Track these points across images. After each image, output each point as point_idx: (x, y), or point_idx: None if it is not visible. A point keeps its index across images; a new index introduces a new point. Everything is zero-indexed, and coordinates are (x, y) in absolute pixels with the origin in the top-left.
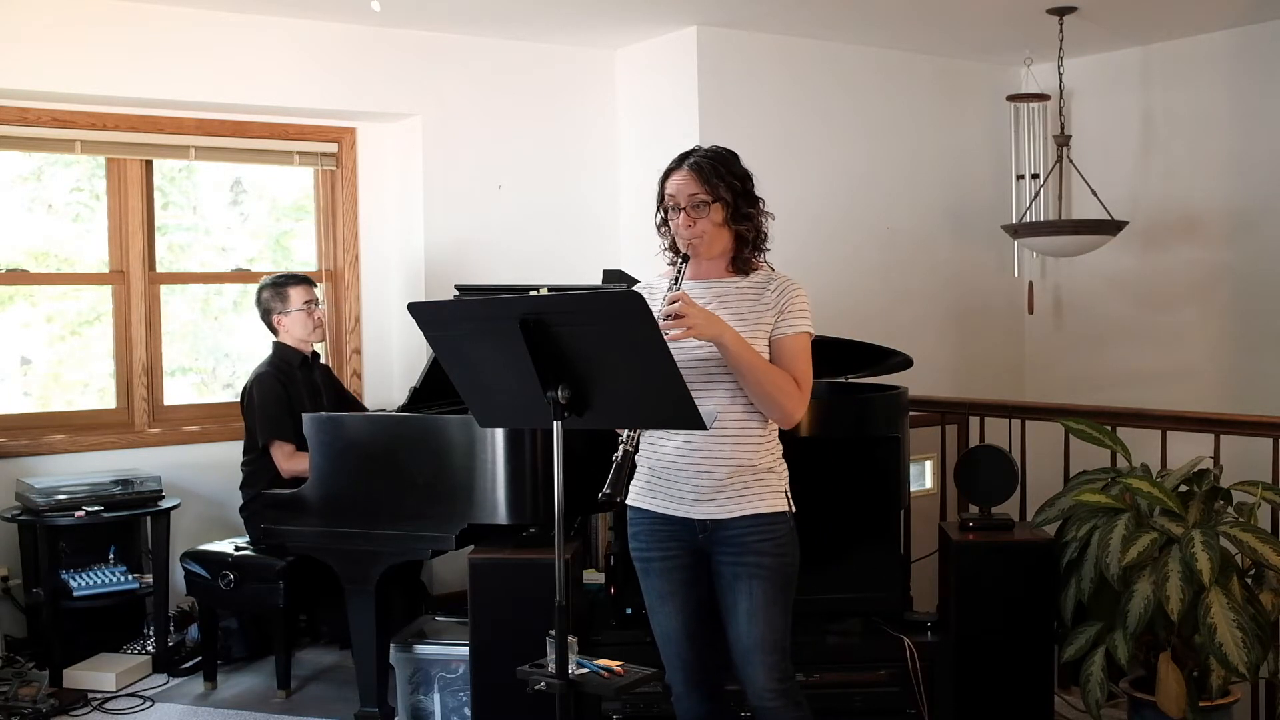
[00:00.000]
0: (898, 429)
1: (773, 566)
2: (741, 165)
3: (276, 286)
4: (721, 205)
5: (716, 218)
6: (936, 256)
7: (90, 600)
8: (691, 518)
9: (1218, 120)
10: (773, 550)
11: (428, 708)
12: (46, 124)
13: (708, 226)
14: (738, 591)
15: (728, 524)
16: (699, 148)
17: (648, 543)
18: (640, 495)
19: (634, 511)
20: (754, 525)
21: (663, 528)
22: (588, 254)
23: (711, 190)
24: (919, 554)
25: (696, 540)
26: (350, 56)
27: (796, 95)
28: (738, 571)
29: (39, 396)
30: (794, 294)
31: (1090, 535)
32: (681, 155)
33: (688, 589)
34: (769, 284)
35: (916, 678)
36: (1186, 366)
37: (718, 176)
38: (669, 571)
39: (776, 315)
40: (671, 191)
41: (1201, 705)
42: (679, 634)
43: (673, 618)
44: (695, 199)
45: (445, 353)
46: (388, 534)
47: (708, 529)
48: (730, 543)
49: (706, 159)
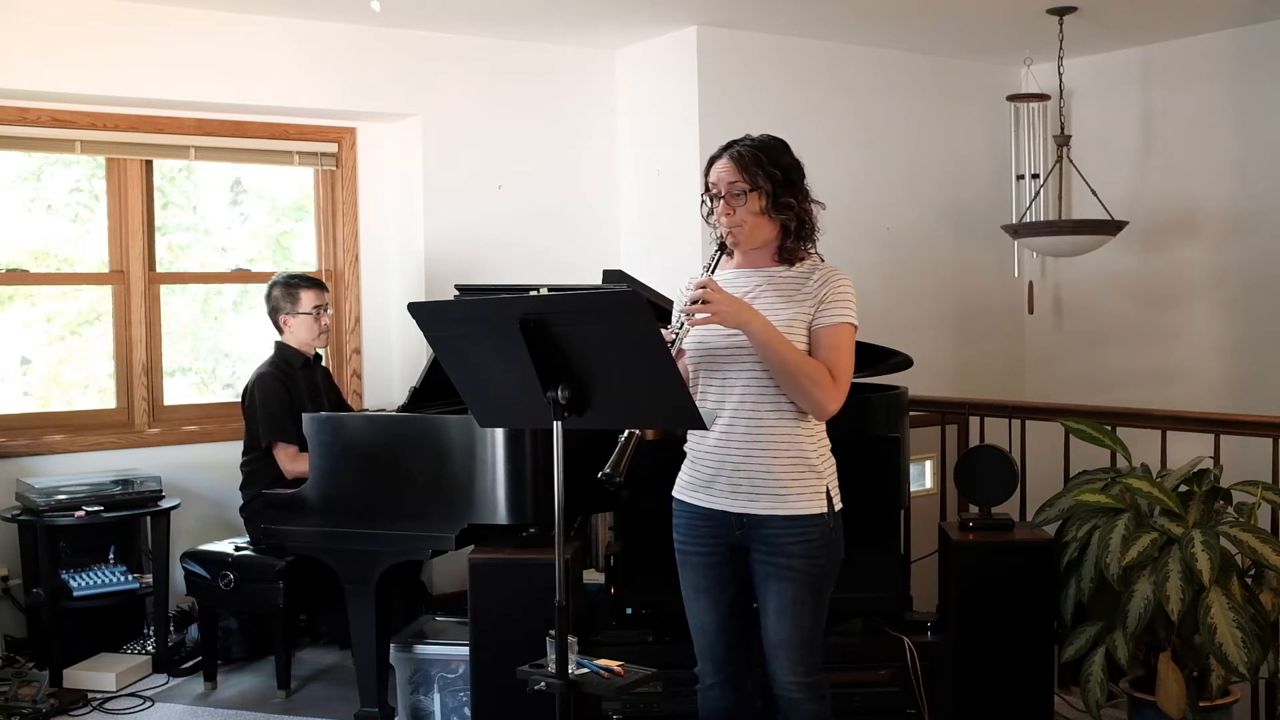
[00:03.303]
0: (898, 429)
1: (803, 569)
2: (787, 155)
3: (289, 286)
4: (759, 194)
5: (754, 207)
6: (936, 257)
7: (90, 600)
8: (729, 511)
9: (1218, 120)
10: (804, 553)
11: (428, 708)
12: (46, 124)
13: (746, 215)
14: (768, 590)
15: (763, 522)
16: (746, 136)
17: (687, 536)
18: (682, 488)
19: (677, 504)
20: (788, 527)
21: (702, 524)
22: (588, 254)
23: (750, 179)
24: (919, 554)
25: (734, 535)
26: (350, 56)
27: (796, 95)
28: (769, 571)
29: (39, 396)
30: (836, 284)
31: (1090, 535)
32: (726, 144)
33: (723, 585)
34: (813, 274)
35: (916, 678)
36: (1186, 366)
37: (757, 165)
38: (705, 568)
39: (816, 305)
40: (713, 180)
41: (1201, 705)
42: (712, 628)
43: (707, 612)
44: (734, 187)
45: (445, 353)
46: (388, 534)
47: (744, 525)
48: (764, 541)
49: (748, 148)
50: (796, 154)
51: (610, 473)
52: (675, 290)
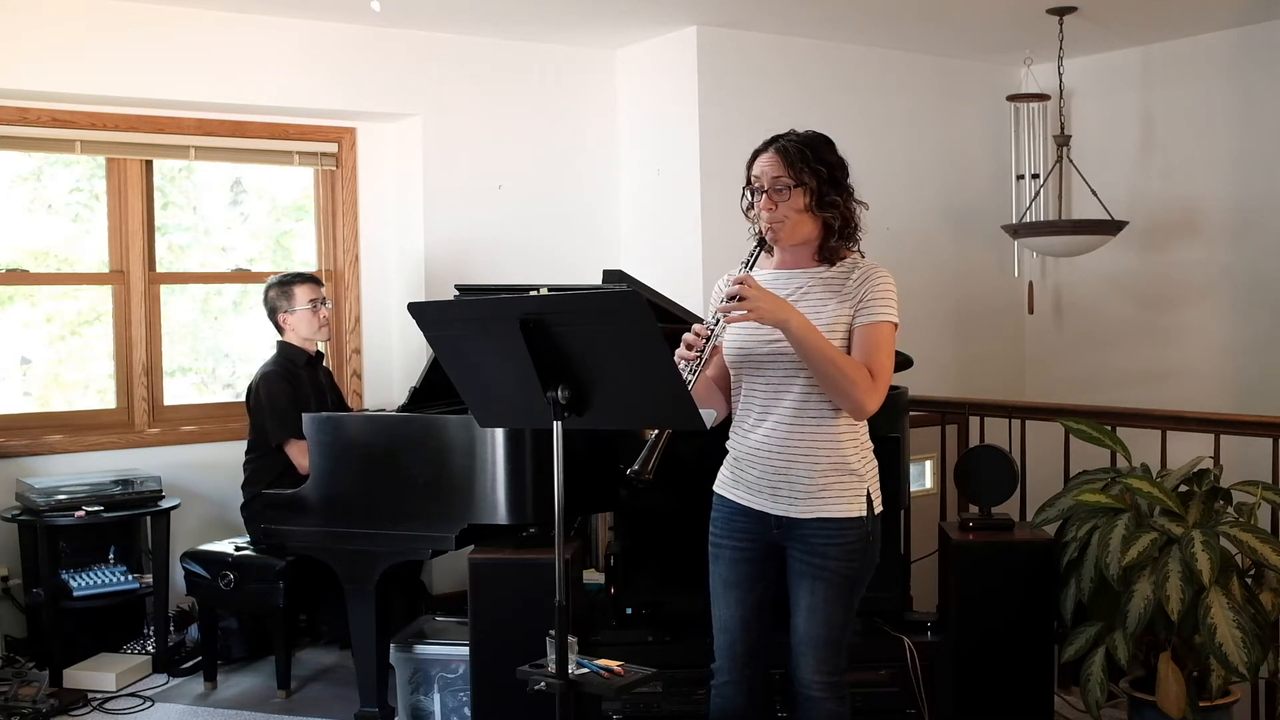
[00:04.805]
0: (898, 429)
1: (837, 570)
2: (833, 153)
3: (283, 285)
4: (804, 191)
5: (798, 203)
6: (936, 257)
7: (90, 600)
8: (767, 512)
9: (1218, 120)
10: (839, 555)
11: (428, 708)
12: (46, 124)
13: (789, 211)
14: (800, 588)
15: (802, 524)
16: (792, 131)
17: (723, 530)
18: (723, 484)
19: (717, 498)
20: (824, 528)
21: (739, 519)
22: (588, 254)
23: (795, 175)
24: (919, 554)
25: (771, 534)
26: (350, 56)
27: (796, 95)
28: (803, 570)
29: (39, 396)
30: (877, 282)
31: (1090, 535)
32: (772, 138)
33: (752, 582)
34: (853, 271)
35: (916, 678)
36: (1186, 366)
37: (803, 161)
38: (737, 563)
39: (856, 304)
40: (757, 173)
41: (1201, 705)
42: (735, 624)
43: (733, 607)
44: (778, 182)
45: (445, 353)
46: (388, 534)
47: (782, 525)
48: (801, 540)
49: (794, 143)
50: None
51: (639, 469)
52: (675, 290)
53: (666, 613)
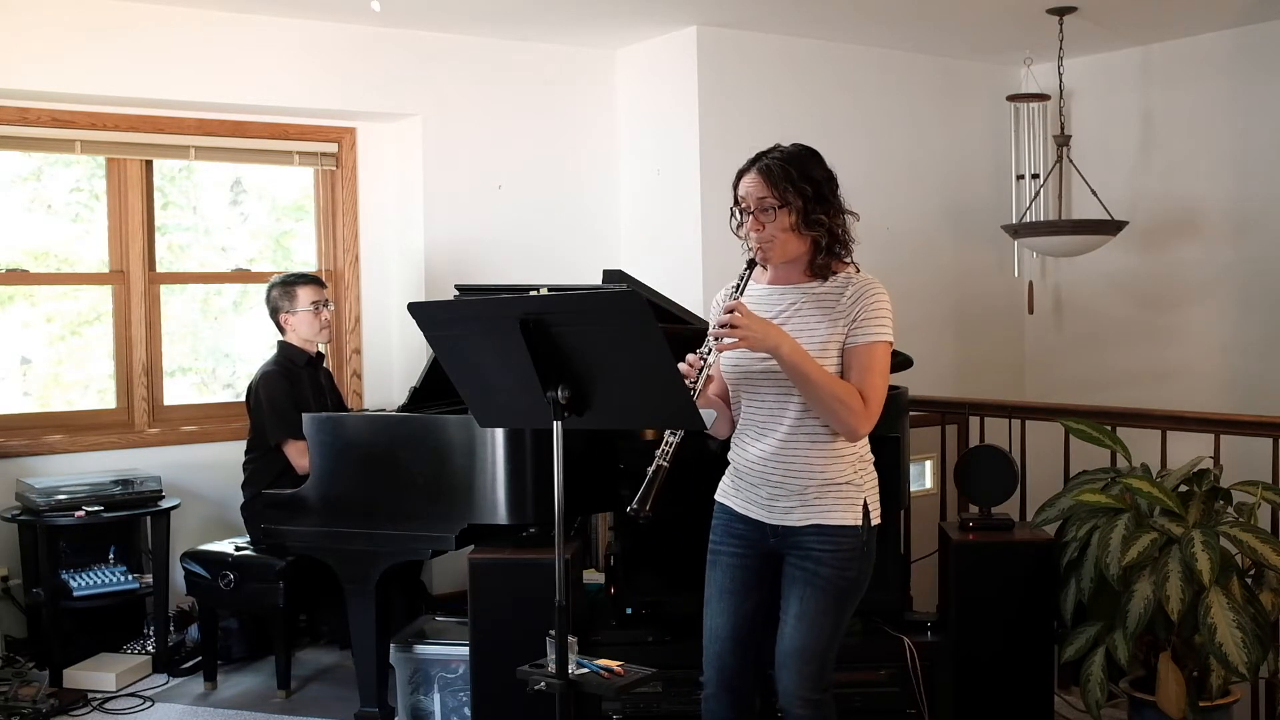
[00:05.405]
0: (898, 429)
1: (829, 578)
2: (819, 168)
3: (285, 285)
4: (790, 210)
5: (784, 223)
6: (937, 257)
7: (90, 600)
8: (764, 522)
9: (1218, 120)
10: (832, 562)
11: (428, 708)
12: (46, 124)
13: (776, 231)
14: (792, 595)
15: (797, 531)
16: (777, 147)
17: (722, 537)
18: (725, 492)
19: (718, 506)
20: (819, 534)
21: (738, 526)
22: (588, 254)
23: (779, 194)
24: (919, 554)
25: (768, 543)
26: (350, 56)
27: (796, 95)
28: (796, 575)
29: (39, 396)
30: (871, 299)
31: (1090, 535)
32: (756, 155)
33: (747, 590)
34: (846, 288)
35: (916, 678)
36: (1186, 366)
37: (787, 180)
38: (734, 569)
39: (850, 323)
40: (742, 194)
41: (1201, 705)
42: (725, 634)
43: (724, 615)
44: (763, 203)
45: (445, 353)
46: (388, 534)
47: (779, 534)
48: (797, 547)
49: (777, 161)
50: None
51: (638, 508)
52: (675, 290)
53: (666, 613)
